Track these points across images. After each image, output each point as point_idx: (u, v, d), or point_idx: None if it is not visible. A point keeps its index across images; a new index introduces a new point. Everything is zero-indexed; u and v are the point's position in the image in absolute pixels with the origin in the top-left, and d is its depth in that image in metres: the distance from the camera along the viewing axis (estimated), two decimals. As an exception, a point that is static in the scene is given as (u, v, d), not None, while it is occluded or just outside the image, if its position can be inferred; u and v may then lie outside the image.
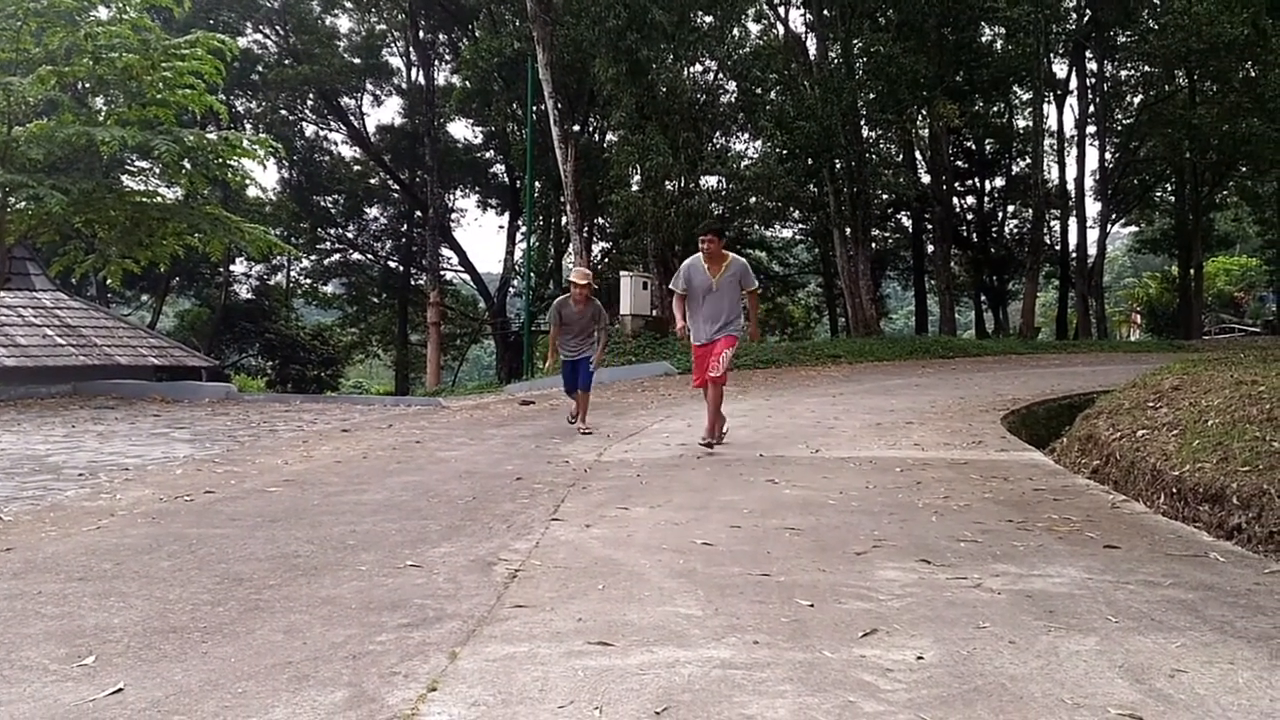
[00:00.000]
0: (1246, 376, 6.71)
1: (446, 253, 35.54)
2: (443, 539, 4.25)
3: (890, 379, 14.58)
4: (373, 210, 37.98)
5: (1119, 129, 31.88)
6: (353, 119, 35.12)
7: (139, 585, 3.47)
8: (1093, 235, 32.70)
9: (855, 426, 8.55)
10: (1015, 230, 34.92)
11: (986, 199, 35.02)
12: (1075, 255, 31.02)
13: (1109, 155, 31.44)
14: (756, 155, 27.12)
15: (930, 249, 33.12)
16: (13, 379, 12.19)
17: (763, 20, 27.75)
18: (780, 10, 26.63)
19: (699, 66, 24.30)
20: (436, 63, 33.74)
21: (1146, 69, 29.75)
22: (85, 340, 13.61)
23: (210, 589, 3.42)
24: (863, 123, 25.22)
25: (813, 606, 3.12)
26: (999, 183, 34.63)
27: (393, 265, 38.14)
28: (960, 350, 21.24)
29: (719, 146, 27.27)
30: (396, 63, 35.18)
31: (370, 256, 38.35)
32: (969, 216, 34.93)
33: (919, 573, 3.55)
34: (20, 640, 2.86)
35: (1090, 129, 31.19)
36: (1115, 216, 34.46)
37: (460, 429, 9.20)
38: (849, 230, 23.86)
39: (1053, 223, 31.09)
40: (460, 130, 37.79)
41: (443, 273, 35.31)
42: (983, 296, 35.99)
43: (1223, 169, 31.19)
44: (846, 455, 6.76)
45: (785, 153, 24.19)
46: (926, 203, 30.19)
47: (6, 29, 13.56)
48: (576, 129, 25.55)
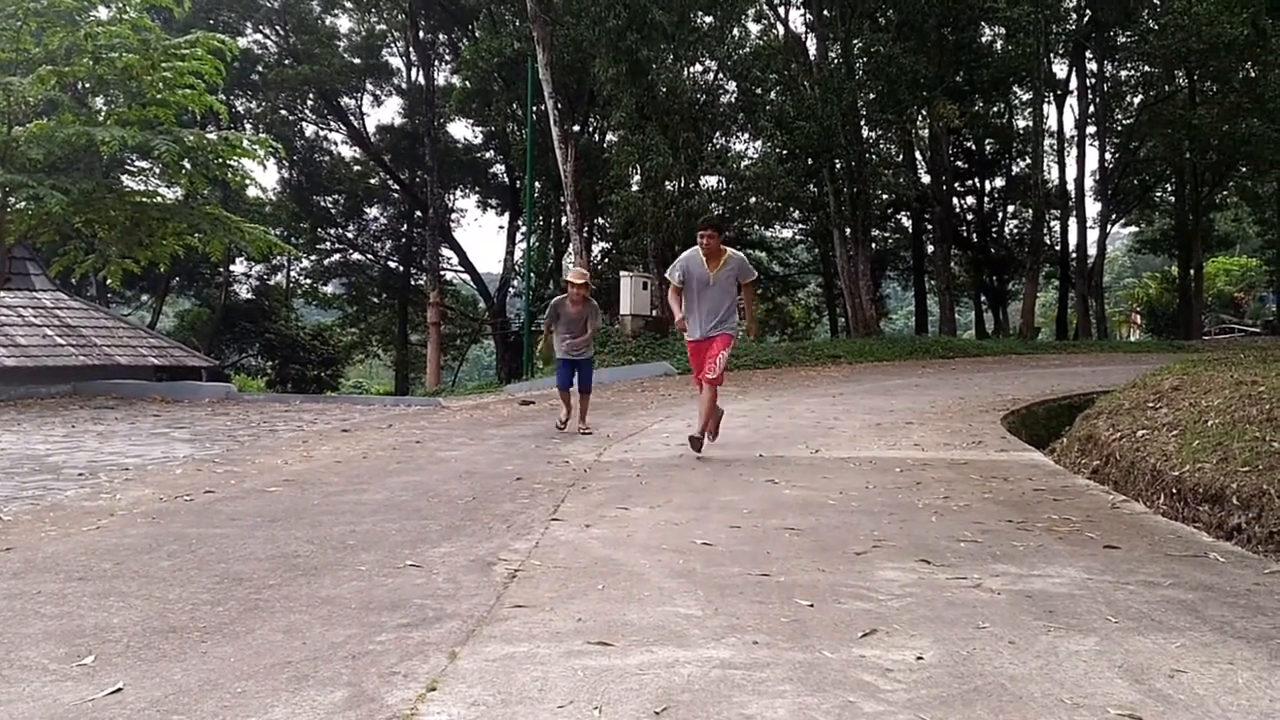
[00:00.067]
0: (1246, 377, 6.71)
1: (446, 253, 35.60)
2: (443, 539, 4.26)
3: (890, 379, 14.58)
4: (373, 210, 38.00)
5: (1119, 129, 31.87)
6: (353, 119, 35.15)
7: (138, 585, 3.47)
8: (1093, 235, 32.77)
9: (855, 427, 8.56)
10: (1015, 230, 34.94)
11: (986, 199, 35.03)
12: (1075, 255, 31.03)
13: (1109, 155, 31.45)
14: (756, 155, 27.15)
15: (930, 249, 33.13)
16: (13, 379, 12.19)
17: (763, 20, 27.78)
18: (780, 10, 26.67)
19: (699, 66, 24.32)
20: (436, 63, 33.76)
21: (1146, 69, 29.76)
22: (85, 340, 13.61)
23: (210, 589, 3.42)
24: (863, 123, 25.22)
25: (812, 606, 3.12)
26: (999, 183, 34.63)
27: (393, 265, 38.14)
28: (960, 350, 21.24)
29: (719, 146, 27.28)
30: (396, 63, 35.25)
31: (370, 256, 38.35)
32: (969, 217, 34.93)
33: (919, 573, 3.55)
34: (20, 640, 2.86)
35: (1090, 129, 31.23)
36: (1115, 217, 34.46)
37: (460, 429, 9.20)
38: (849, 230, 23.86)
39: (1053, 223, 31.11)
40: (460, 130, 37.87)
41: (443, 273, 35.32)
42: (983, 297, 35.99)
43: (1223, 169, 31.19)
44: (846, 455, 6.76)
45: (785, 153, 24.21)
46: (926, 203, 30.19)
47: (6, 29, 13.55)
48: (576, 129, 25.55)
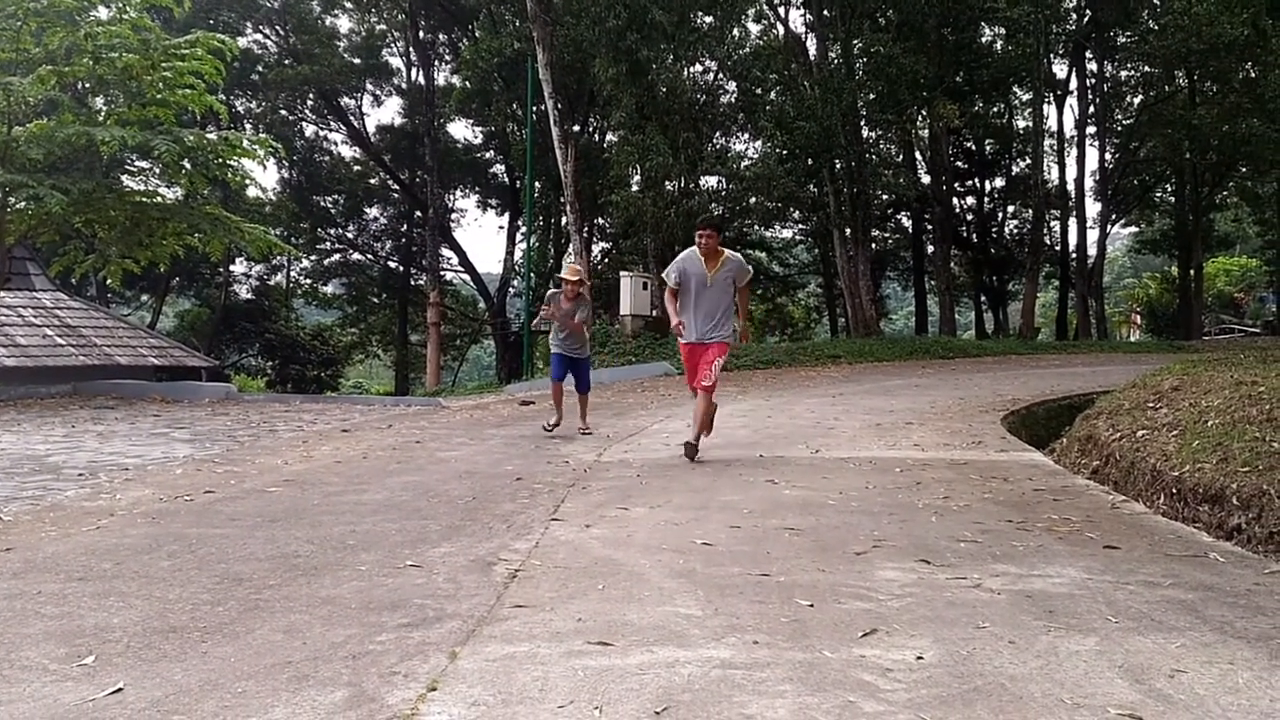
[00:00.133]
0: (1246, 377, 6.71)
1: (446, 253, 35.59)
2: (443, 539, 4.26)
3: (890, 379, 14.58)
4: (373, 210, 37.99)
5: (1119, 129, 31.88)
6: (353, 119, 35.14)
7: (139, 585, 3.47)
8: (1093, 236, 32.78)
9: (855, 427, 8.56)
10: (1015, 231, 34.94)
11: (986, 199, 35.03)
12: (1075, 256, 31.03)
13: (1109, 155, 31.46)
14: (756, 155, 27.17)
15: (930, 249, 33.13)
16: (13, 379, 12.19)
17: (763, 20, 27.79)
18: (780, 10, 26.68)
19: (699, 67, 24.33)
20: (436, 63, 33.76)
21: (1146, 69, 29.77)
22: (85, 340, 13.61)
23: (210, 589, 3.42)
24: (863, 123, 25.23)
25: (812, 606, 3.12)
26: (999, 183, 34.63)
27: (393, 265, 38.13)
28: (960, 351, 21.24)
29: (719, 147, 27.29)
30: (396, 63, 35.24)
31: (370, 256, 38.34)
32: (969, 217, 34.92)
33: (919, 573, 3.55)
34: (20, 640, 2.86)
35: (1090, 129, 31.25)
36: (1115, 217, 34.47)
37: (460, 429, 9.20)
38: (849, 230, 23.86)
39: (1053, 223, 31.11)
40: (460, 130, 37.87)
41: (443, 273, 35.30)
42: (983, 297, 35.99)
43: (1223, 169, 31.20)
44: (846, 456, 6.76)
45: (785, 153, 24.22)
46: (926, 203, 30.19)
47: (6, 29, 13.55)
48: (576, 129, 25.55)
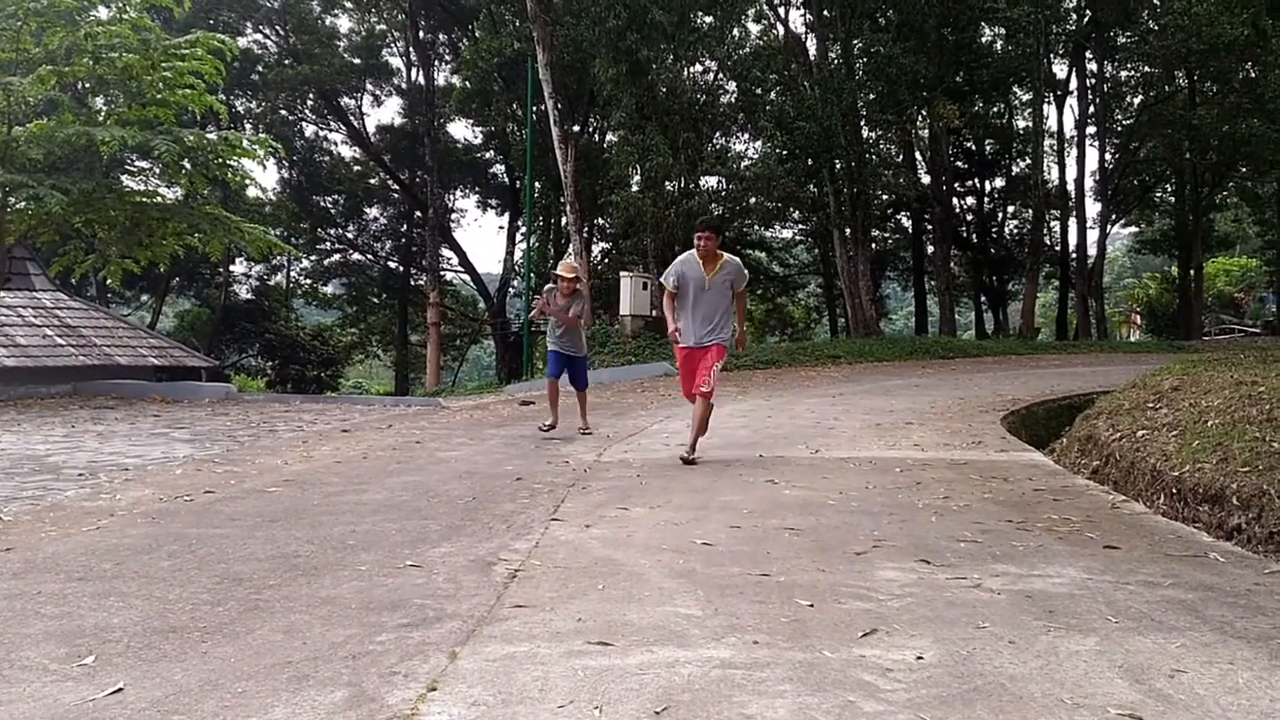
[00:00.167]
0: (1246, 377, 6.71)
1: (446, 253, 35.58)
2: (443, 539, 4.26)
3: (890, 379, 14.58)
4: (373, 210, 37.97)
5: (1119, 129, 31.87)
6: (353, 119, 35.13)
7: (139, 585, 3.47)
8: (1093, 236, 32.76)
9: (855, 427, 8.56)
10: (1015, 231, 34.92)
11: (986, 199, 35.01)
12: (1075, 256, 31.02)
13: (1109, 156, 31.45)
14: (756, 155, 27.15)
15: (930, 249, 33.12)
16: (13, 379, 12.19)
17: (763, 21, 27.78)
18: (780, 10, 26.67)
19: (699, 67, 24.31)
20: (436, 63, 33.74)
21: (1146, 69, 29.76)
22: (85, 340, 13.60)
23: (210, 589, 3.42)
24: (863, 123, 25.22)
25: (812, 606, 3.12)
26: (999, 183, 34.61)
27: (393, 265, 38.12)
28: (960, 351, 21.24)
29: (719, 147, 27.28)
30: (396, 63, 35.22)
31: (370, 257, 38.33)
32: (969, 217, 34.91)
33: (919, 573, 3.55)
34: (20, 640, 2.86)
35: (1090, 129, 31.23)
36: (1115, 217, 34.45)
37: (460, 429, 9.20)
38: (849, 231, 23.86)
39: (1053, 223, 31.09)
40: (460, 130, 37.83)
41: (443, 273, 35.29)
42: (983, 297, 35.98)
43: (1223, 170, 31.19)
44: (846, 456, 6.76)
45: (785, 153, 24.21)
46: (926, 203, 30.19)
47: (6, 29, 13.55)
48: (576, 129, 25.54)
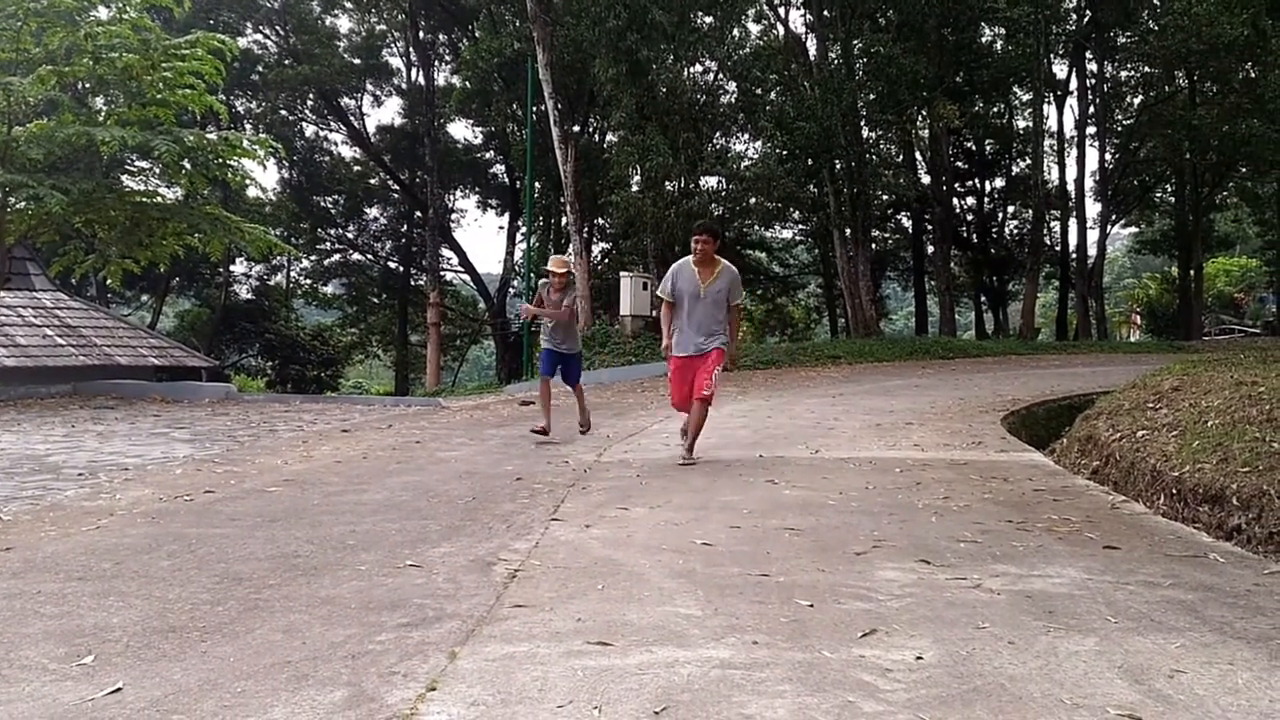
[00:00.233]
0: (1246, 377, 6.71)
1: (446, 253, 35.57)
2: (443, 539, 4.26)
3: (890, 380, 14.58)
4: (373, 210, 37.97)
5: (1119, 130, 31.86)
6: (353, 119, 35.13)
7: (138, 585, 3.47)
8: (1093, 236, 32.74)
9: (855, 427, 8.56)
10: (1015, 231, 34.92)
11: (986, 200, 35.01)
12: (1075, 256, 31.01)
13: (1109, 156, 31.44)
14: (756, 156, 27.14)
15: (930, 250, 33.11)
16: (13, 379, 12.19)
17: (763, 21, 27.77)
18: (780, 11, 26.67)
19: (699, 67, 24.31)
20: (436, 63, 33.74)
21: (1146, 70, 29.75)
22: (85, 340, 13.60)
23: (210, 589, 3.42)
24: (863, 123, 25.21)
25: (812, 606, 3.12)
26: (999, 183, 34.62)
27: (393, 265, 38.12)
28: (960, 351, 21.24)
29: (719, 147, 27.27)
30: (396, 63, 35.22)
31: (370, 257, 38.33)
32: (969, 217, 34.91)
33: (918, 573, 3.55)
34: (20, 640, 2.86)
35: (1090, 130, 31.22)
36: (1115, 217, 34.44)
37: (460, 429, 9.20)
38: (849, 231, 23.85)
39: (1053, 223, 31.08)
40: (460, 130, 37.81)
41: (443, 273, 35.29)
42: (983, 297, 35.98)
43: (1223, 170, 31.19)
44: (846, 456, 6.76)
45: (785, 153, 24.20)
46: (926, 203, 30.18)
47: (6, 29, 13.56)
48: (576, 129, 25.54)
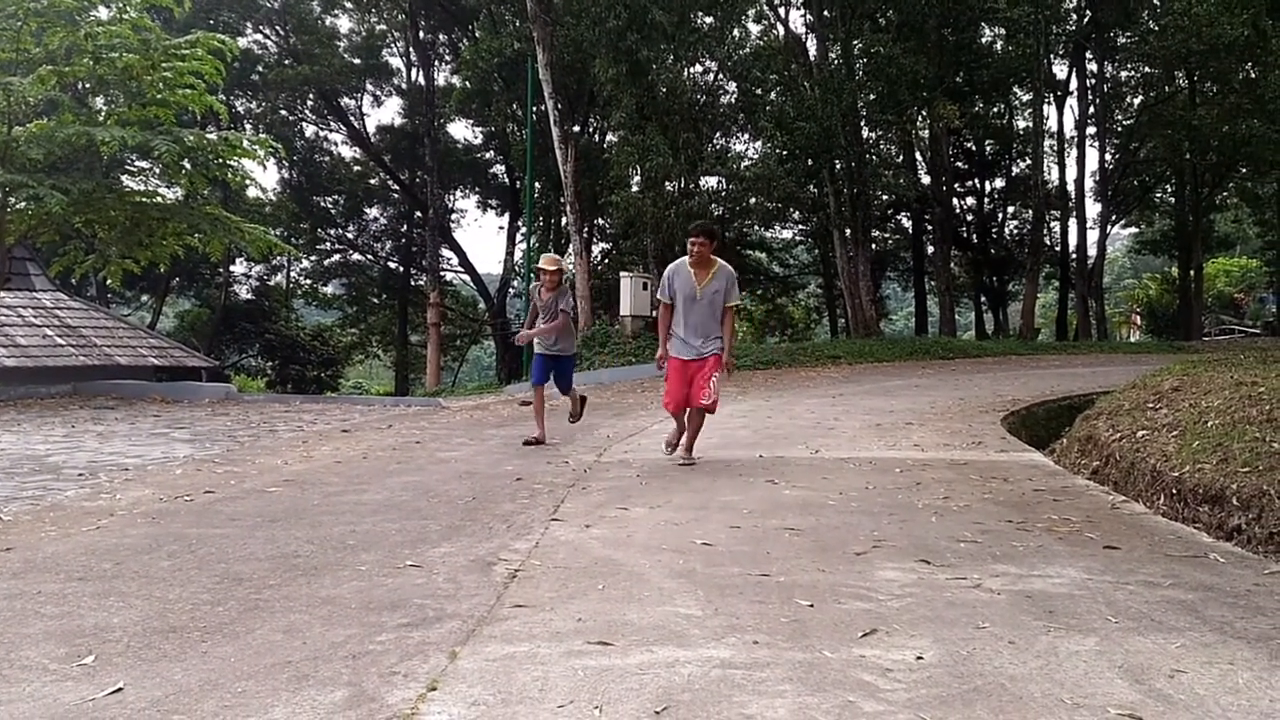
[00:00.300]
0: (1246, 378, 6.71)
1: (446, 253, 35.57)
2: (443, 539, 4.25)
3: (890, 380, 14.58)
4: (373, 210, 37.97)
5: (1119, 130, 31.86)
6: (353, 119, 35.13)
7: (139, 585, 3.47)
8: (1093, 236, 32.74)
9: (855, 427, 8.56)
10: (1015, 231, 34.92)
11: (986, 200, 35.01)
12: (1075, 256, 31.01)
13: (1109, 156, 31.44)
14: (756, 156, 27.14)
15: (930, 250, 33.11)
16: (13, 379, 12.19)
17: (763, 21, 27.78)
18: (780, 11, 26.67)
19: (699, 67, 24.31)
20: (436, 63, 33.74)
21: (1147, 70, 29.75)
22: (85, 340, 13.60)
23: (210, 589, 3.42)
24: (863, 123, 25.21)
25: (812, 606, 3.12)
26: (999, 184, 34.61)
27: (393, 266, 38.12)
28: (960, 351, 21.24)
29: (719, 147, 27.28)
30: (396, 63, 35.22)
31: (370, 257, 38.33)
32: (969, 217, 34.91)
33: (919, 573, 3.55)
34: (20, 640, 2.86)
35: (1090, 130, 31.21)
36: (1115, 217, 34.44)
37: (460, 429, 9.20)
38: (849, 231, 23.86)
39: (1053, 224, 31.07)
40: (460, 130, 37.83)
41: (443, 273, 35.29)
42: (983, 297, 35.98)
43: (1223, 170, 31.17)
44: (846, 456, 6.76)
45: (785, 153, 24.20)
46: (926, 204, 30.18)
47: (6, 29, 13.56)
48: (576, 129, 25.54)
